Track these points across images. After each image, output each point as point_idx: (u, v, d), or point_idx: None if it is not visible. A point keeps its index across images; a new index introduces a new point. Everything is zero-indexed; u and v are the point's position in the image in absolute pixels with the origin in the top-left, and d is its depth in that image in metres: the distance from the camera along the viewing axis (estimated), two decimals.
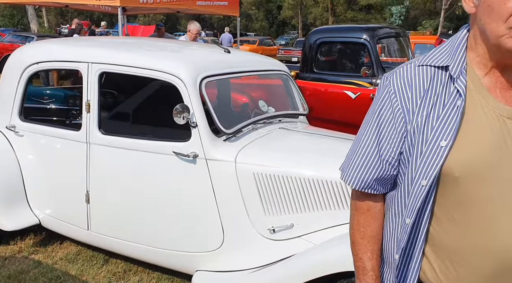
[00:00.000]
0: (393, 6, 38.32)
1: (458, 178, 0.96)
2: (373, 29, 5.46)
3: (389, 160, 1.04)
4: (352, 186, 1.10)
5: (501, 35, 0.91)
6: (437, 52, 1.03)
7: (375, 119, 1.06)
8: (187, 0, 6.15)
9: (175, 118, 2.19)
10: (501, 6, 0.89)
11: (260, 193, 2.23)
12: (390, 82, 1.03)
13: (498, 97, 0.98)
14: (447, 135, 0.96)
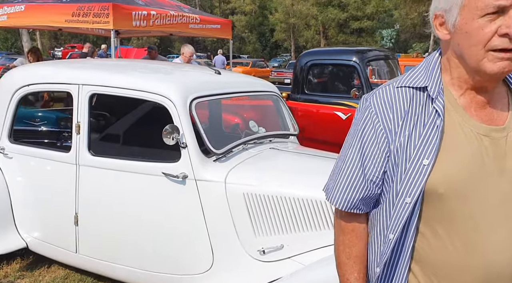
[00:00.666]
0: (384, 29, 39.17)
1: (442, 195, 0.98)
2: (363, 51, 5.57)
3: (374, 179, 1.05)
4: (338, 207, 1.11)
5: (481, 59, 0.95)
6: (414, 74, 1.06)
7: (358, 139, 1.07)
8: (180, 24, 6.23)
9: (165, 138, 2.19)
10: (479, 32, 0.93)
11: (250, 213, 2.22)
12: (371, 103, 1.06)
13: (474, 115, 1.01)
14: (429, 153, 0.98)
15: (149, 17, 5.59)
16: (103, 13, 5.21)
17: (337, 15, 36.63)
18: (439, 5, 0.99)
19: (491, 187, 0.98)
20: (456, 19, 0.96)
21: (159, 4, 6.33)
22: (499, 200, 0.99)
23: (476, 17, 0.93)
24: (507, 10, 0.91)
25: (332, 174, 1.15)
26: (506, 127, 1.01)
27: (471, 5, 0.93)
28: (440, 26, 1.01)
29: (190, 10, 7.06)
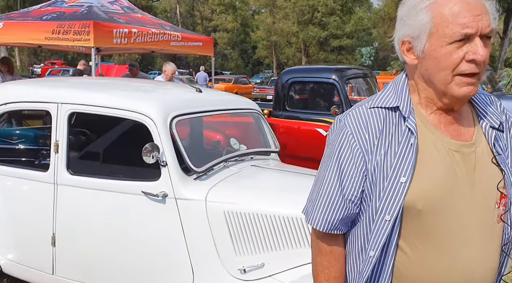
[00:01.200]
0: (363, 47, 40.07)
1: (420, 211, 1.01)
2: (342, 70, 5.69)
3: (352, 199, 1.07)
4: (318, 229, 1.11)
5: (449, 82, 0.99)
6: (384, 95, 1.09)
7: (335, 160, 1.08)
8: (161, 41, 6.25)
9: (144, 157, 2.18)
10: (448, 58, 0.97)
11: (230, 232, 2.21)
12: (346, 124, 1.07)
13: (444, 132, 1.05)
14: (405, 171, 1.00)
15: (130, 35, 5.60)
16: (84, 31, 5.20)
17: (317, 33, 37.31)
18: (406, 31, 1.03)
19: (465, 200, 1.02)
20: (425, 46, 1.00)
21: (140, 22, 6.36)
22: (473, 213, 1.02)
23: (444, 44, 0.97)
24: (473, 37, 0.95)
25: (310, 196, 1.15)
26: (474, 142, 1.05)
27: (440, 33, 0.97)
28: (407, 52, 1.05)
29: (172, 28, 7.10)
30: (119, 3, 6.76)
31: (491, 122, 1.08)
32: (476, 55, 0.95)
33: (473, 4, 0.95)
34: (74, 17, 5.68)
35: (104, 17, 5.74)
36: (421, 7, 0.99)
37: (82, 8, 5.91)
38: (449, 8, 0.96)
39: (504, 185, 1.04)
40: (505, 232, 1.06)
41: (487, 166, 1.04)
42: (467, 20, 0.95)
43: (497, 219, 1.05)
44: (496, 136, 1.07)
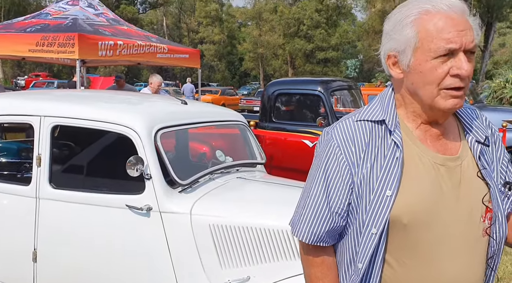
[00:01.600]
0: (348, 59, 40.66)
1: (406, 225, 1.01)
2: (327, 82, 5.76)
3: (339, 211, 1.07)
4: (304, 241, 1.11)
5: (435, 96, 1.00)
6: (370, 109, 1.10)
7: (322, 172, 1.08)
8: (147, 53, 6.25)
9: (128, 170, 2.16)
10: (433, 72, 0.99)
11: (216, 245, 2.19)
12: (333, 136, 1.08)
13: (430, 146, 1.06)
14: (391, 185, 1.01)
15: (115, 47, 5.58)
16: (69, 43, 5.17)
17: (303, 45, 37.76)
18: (392, 46, 1.04)
19: (451, 214, 1.02)
20: (410, 60, 1.01)
21: (126, 34, 6.35)
22: (458, 227, 1.03)
23: (429, 59, 0.99)
24: (457, 52, 0.97)
25: (297, 208, 1.15)
26: (459, 156, 1.06)
27: (424, 48, 0.99)
28: (393, 66, 1.06)
29: (158, 40, 7.11)
30: (105, 15, 6.75)
31: (476, 136, 1.09)
32: (461, 70, 0.97)
33: (457, 20, 0.97)
34: (58, 29, 5.65)
35: (89, 29, 5.72)
36: (407, 22, 1.00)
37: (67, 20, 5.89)
38: (434, 23, 0.97)
39: (489, 199, 1.05)
40: (490, 246, 1.07)
41: (473, 180, 1.05)
42: (451, 35, 0.96)
43: (482, 232, 1.05)
44: (482, 150, 1.08)
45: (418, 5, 1.00)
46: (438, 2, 0.98)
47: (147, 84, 6.83)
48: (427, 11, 0.99)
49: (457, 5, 0.98)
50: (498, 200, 1.07)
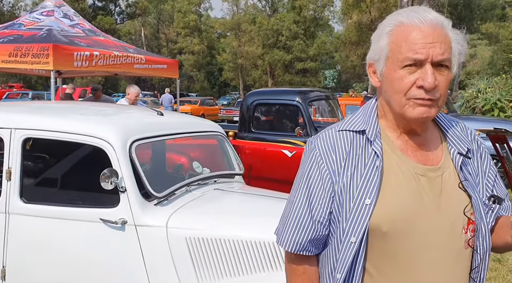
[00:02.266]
0: (327, 70, 41.25)
1: (385, 233, 1.01)
2: (305, 92, 5.81)
3: (321, 220, 1.08)
4: (288, 249, 1.11)
5: (403, 105, 1.02)
6: (353, 119, 1.12)
7: (305, 181, 1.10)
8: (125, 64, 6.19)
9: (103, 183, 2.11)
10: (400, 82, 1.01)
11: (193, 258, 2.15)
12: (315, 146, 1.10)
13: (411, 156, 1.07)
14: (371, 193, 1.02)
15: (91, 58, 5.51)
16: (43, 54, 5.08)
17: (282, 56, 38.13)
18: (371, 55, 1.08)
19: (431, 224, 1.03)
20: (383, 69, 1.05)
21: (102, 44, 6.28)
22: (439, 238, 1.03)
23: (397, 68, 1.01)
24: (424, 63, 0.99)
25: (282, 217, 1.16)
26: (440, 166, 1.07)
27: (394, 57, 1.02)
28: (373, 74, 1.09)
29: (136, 51, 7.06)
30: (81, 26, 6.67)
31: (458, 148, 1.10)
32: (424, 82, 0.98)
33: (427, 32, 0.99)
34: (32, 40, 5.55)
35: (64, 40, 5.64)
36: (383, 32, 1.04)
37: (41, 31, 5.79)
38: (405, 34, 1.00)
39: (472, 210, 1.06)
40: (474, 258, 1.07)
41: (454, 191, 1.06)
42: (418, 47, 0.98)
43: (465, 244, 1.05)
44: (464, 162, 1.09)
45: (395, 17, 1.05)
46: (412, 16, 1.01)
47: (124, 95, 6.75)
48: (401, 23, 1.02)
49: (430, 19, 1.00)
50: (482, 213, 1.07)
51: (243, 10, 43.83)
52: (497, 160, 6.57)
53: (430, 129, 1.12)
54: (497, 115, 10.17)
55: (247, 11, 43.78)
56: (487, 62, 34.09)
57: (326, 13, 42.12)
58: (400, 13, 1.05)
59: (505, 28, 34.42)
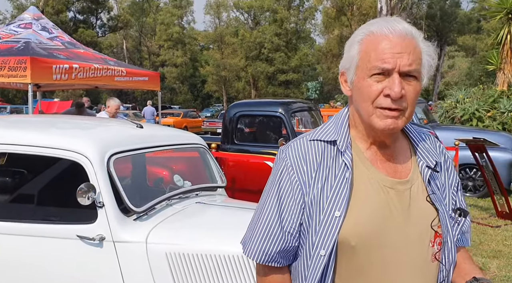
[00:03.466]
0: (309, 82, 41.70)
1: (354, 247, 1.00)
2: (288, 103, 5.83)
3: (291, 231, 1.05)
4: (255, 260, 1.08)
5: (371, 114, 1.02)
6: (325, 128, 1.11)
7: (276, 191, 1.07)
8: (105, 76, 6.11)
9: (79, 198, 2.05)
10: (368, 90, 1.01)
11: (173, 274, 2.09)
12: (287, 155, 1.08)
13: (380, 168, 1.06)
14: (340, 205, 1.00)
15: (71, 71, 5.43)
16: (20, 67, 4.98)
17: (265, 68, 38.41)
18: (343, 64, 1.08)
19: (399, 237, 1.02)
20: (353, 77, 1.05)
21: (82, 57, 6.21)
22: (407, 251, 1.02)
23: (366, 77, 1.01)
24: (392, 73, 0.99)
25: (249, 226, 1.12)
26: (409, 179, 1.07)
27: (363, 66, 1.02)
28: (345, 83, 1.09)
29: (116, 63, 6.99)
30: (60, 38, 6.59)
31: (427, 161, 1.10)
32: (391, 91, 0.98)
33: (395, 42, 1.00)
34: (9, 52, 5.45)
35: (43, 53, 5.55)
36: (354, 41, 1.05)
37: (19, 44, 5.69)
38: (374, 43, 1.01)
39: (439, 223, 1.05)
40: (440, 271, 1.07)
41: (422, 204, 1.05)
42: (386, 56, 0.99)
43: (432, 257, 1.05)
44: (432, 175, 1.09)
45: (366, 27, 1.05)
46: (382, 26, 1.02)
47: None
48: (371, 33, 1.03)
49: (399, 30, 1.01)
50: (448, 226, 1.07)
51: (226, 23, 44.12)
52: (476, 169, 6.70)
53: (400, 141, 1.11)
54: (476, 124, 10.38)
55: (229, 23, 44.09)
56: (464, 73, 34.99)
57: (308, 25, 42.77)
58: (371, 23, 1.05)
59: (480, 40, 35.46)
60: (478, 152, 5.74)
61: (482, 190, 6.89)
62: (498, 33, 11.54)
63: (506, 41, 11.27)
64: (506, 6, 11.12)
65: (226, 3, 43.13)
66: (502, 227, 5.31)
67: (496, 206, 5.76)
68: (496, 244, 4.68)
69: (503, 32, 11.33)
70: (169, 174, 3.27)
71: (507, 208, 5.58)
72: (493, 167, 5.64)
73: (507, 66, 11.40)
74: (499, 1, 11.51)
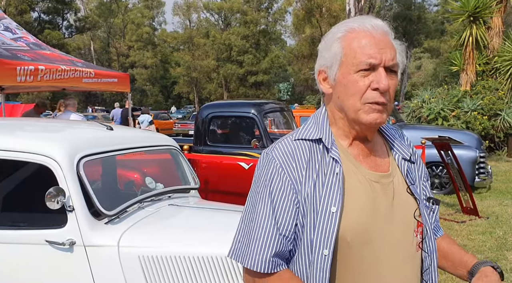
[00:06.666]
0: (281, 83, 41.98)
1: (349, 242, 1.01)
2: (260, 104, 5.85)
3: (287, 234, 1.02)
4: (257, 270, 1.01)
5: (358, 109, 1.03)
6: (307, 128, 1.11)
7: (267, 194, 1.04)
8: (72, 78, 5.94)
9: (48, 202, 1.99)
10: (355, 85, 1.03)
11: (146, 278, 2.06)
12: (274, 156, 1.06)
13: (363, 163, 1.08)
14: (335, 201, 1.01)
15: (36, 72, 5.25)
16: None
17: (235, 70, 38.39)
18: (322, 62, 1.09)
19: (387, 230, 1.04)
20: (336, 74, 1.06)
21: (48, 59, 6.02)
22: (395, 243, 1.05)
23: (352, 72, 1.03)
24: (377, 67, 1.02)
25: (241, 237, 1.06)
26: (391, 173, 1.10)
27: (348, 62, 1.03)
28: (323, 81, 1.10)
29: (84, 64, 6.82)
30: (24, 39, 6.37)
31: (403, 154, 1.13)
32: (379, 84, 1.01)
33: (378, 39, 1.03)
34: None
35: (6, 54, 5.34)
36: (334, 39, 1.06)
37: None
38: (357, 40, 1.03)
39: (419, 213, 1.09)
40: (424, 260, 1.10)
41: (404, 196, 1.09)
42: (372, 51, 1.01)
43: (416, 247, 1.09)
44: (408, 167, 1.13)
45: (346, 24, 1.07)
46: (363, 22, 1.05)
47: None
48: (353, 29, 1.05)
49: (380, 26, 1.04)
50: (426, 215, 1.11)
51: (196, 24, 43.85)
52: (442, 166, 6.93)
53: (376, 136, 1.14)
54: (441, 123, 10.74)
55: (199, 25, 43.84)
56: (430, 74, 36.09)
57: (278, 27, 43.05)
58: (350, 21, 1.08)
59: (444, 42, 36.69)
60: (444, 150, 5.94)
61: (448, 187, 7.12)
62: (461, 35, 11.99)
63: (468, 43, 11.71)
64: (467, 9, 11.56)
65: (195, 4, 42.88)
66: (467, 222, 5.50)
67: (461, 202, 5.96)
68: (462, 239, 4.86)
69: (465, 34, 11.77)
70: (141, 177, 3.23)
71: (471, 204, 5.79)
72: (458, 164, 5.84)
73: (470, 67, 11.86)
74: (461, 4, 11.95)
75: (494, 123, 10.87)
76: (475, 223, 5.47)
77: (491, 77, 12.05)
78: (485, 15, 11.68)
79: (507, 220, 5.56)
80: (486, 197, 6.99)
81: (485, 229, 5.19)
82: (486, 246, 4.60)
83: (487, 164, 7.44)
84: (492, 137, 11.03)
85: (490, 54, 12.01)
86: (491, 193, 7.26)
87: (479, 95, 11.34)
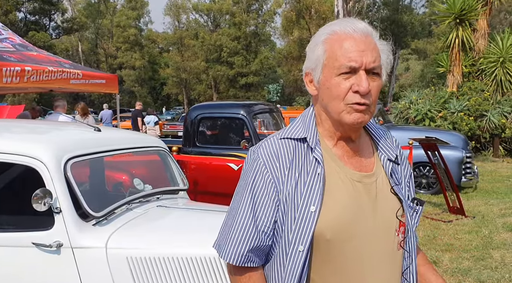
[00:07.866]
0: (270, 84, 42.06)
1: (329, 240, 1.03)
2: (249, 105, 5.86)
3: (266, 230, 1.07)
4: (232, 262, 1.08)
5: (341, 111, 1.05)
6: (293, 127, 1.13)
7: (249, 191, 1.08)
8: (60, 79, 5.89)
9: (35, 204, 1.98)
10: (337, 88, 1.05)
11: (135, 279, 2.06)
12: (259, 155, 1.09)
13: (347, 163, 1.10)
14: (314, 200, 1.03)
15: (23, 74, 5.20)
16: None
17: (225, 71, 38.36)
18: (307, 64, 1.11)
19: (369, 230, 1.06)
20: (320, 77, 1.08)
21: (35, 60, 5.96)
22: (376, 242, 1.07)
23: (333, 75, 1.05)
24: (358, 70, 1.04)
25: (223, 230, 1.12)
26: (374, 173, 1.12)
27: (330, 65, 1.06)
28: (310, 83, 1.12)
29: (72, 66, 6.76)
30: (10, 40, 6.30)
31: (388, 155, 1.16)
32: (359, 87, 1.03)
33: (359, 41, 1.04)
34: None
35: None
36: (318, 41, 1.08)
37: None
38: (339, 43, 1.05)
39: (403, 213, 1.11)
40: (404, 258, 1.13)
41: (387, 195, 1.11)
42: (352, 55, 1.03)
43: (397, 246, 1.11)
44: (393, 168, 1.15)
45: (329, 27, 1.09)
46: (345, 25, 1.06)
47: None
48: (335, 32, 1.07)
49: (361, 28, 1.06)
50: (408, 215, 1.13)
51: (185, 25, 43.73)
52: (429, 166, 7.01)
53: (363, 137, 1.17)
54: (428, 124, 10.87)
55: (189, 26, 43.73)
56: (418, 76, 36.48)
57: (268, 28, 43.13)
58: (333, 24, 1.10)
59: (431, 43, 37.13)
60: (431, 151, 6.01)
61: (435, 187, 7.21)
62: (447, 37, 12.16)
63: (455, 45, 11.89)
64: (454, 11, 11.74)
65: (185, 5, 42.77)
66: (453, 222, 5.57)
67: (448, 202, 6.04)
68: (448, 238, 4.92)
69: (451, 36, 11.95)
70: (129, 178, 3.21)
71: (458, 203, 5.87)
72: (444, 164, 5.92)
73: (456, 68, 12.04)
74: (448, 7, 12.12)
75: (480, 124, 11.03)
76: (462, 223, 5.54)
77: (477, 78, 12.25)
78: (471, 17, 11.87)
79: (493, 219, 5.65)
80: (472, 196, 7.09)
81: (471, 228, 5.26)
82: (472, 245, 4.67)
83: (473, 164, 7.55)
84: (478, 137, 11.20)
85: (476, 55, 12.20)
86: (477, 192, 7.37)
87: (465, 96, 11.51)
